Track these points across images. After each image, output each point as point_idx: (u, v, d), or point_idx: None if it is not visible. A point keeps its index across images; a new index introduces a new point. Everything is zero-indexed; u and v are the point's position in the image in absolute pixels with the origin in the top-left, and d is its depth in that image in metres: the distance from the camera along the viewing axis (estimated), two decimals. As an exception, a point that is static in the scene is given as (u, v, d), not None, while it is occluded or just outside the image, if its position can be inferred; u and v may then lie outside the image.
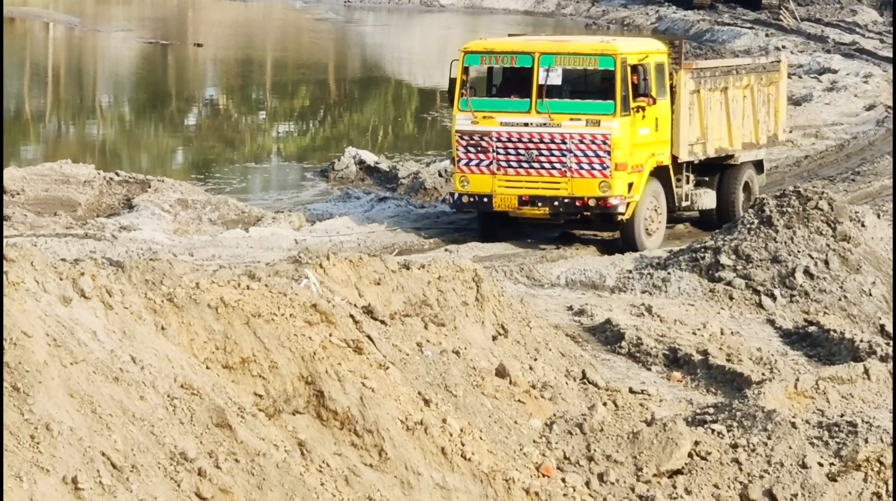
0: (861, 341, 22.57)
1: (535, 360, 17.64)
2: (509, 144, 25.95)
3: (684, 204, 27.13)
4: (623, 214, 26.63)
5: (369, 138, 45.27)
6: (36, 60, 61.75)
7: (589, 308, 23.02)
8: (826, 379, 19.61)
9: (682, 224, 28.69)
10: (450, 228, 31.43)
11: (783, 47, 66.72)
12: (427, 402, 15.65)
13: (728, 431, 17.05)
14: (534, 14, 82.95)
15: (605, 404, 17.22)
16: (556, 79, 27.67)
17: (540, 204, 25.37)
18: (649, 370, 20.97)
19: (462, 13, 79.28)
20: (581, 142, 26.85)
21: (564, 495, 15.71)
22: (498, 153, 25.89)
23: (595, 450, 16.30)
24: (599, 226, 23.49)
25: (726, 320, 23.40)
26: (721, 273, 25.38)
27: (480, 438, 15.74)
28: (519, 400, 16.55)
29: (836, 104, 52.43)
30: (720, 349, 21.83)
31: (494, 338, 17.53)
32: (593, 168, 25.44)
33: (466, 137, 27.54)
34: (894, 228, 25.95)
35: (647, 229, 24.84)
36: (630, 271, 26.47)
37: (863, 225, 26.57)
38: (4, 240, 20.03)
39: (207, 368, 14.31)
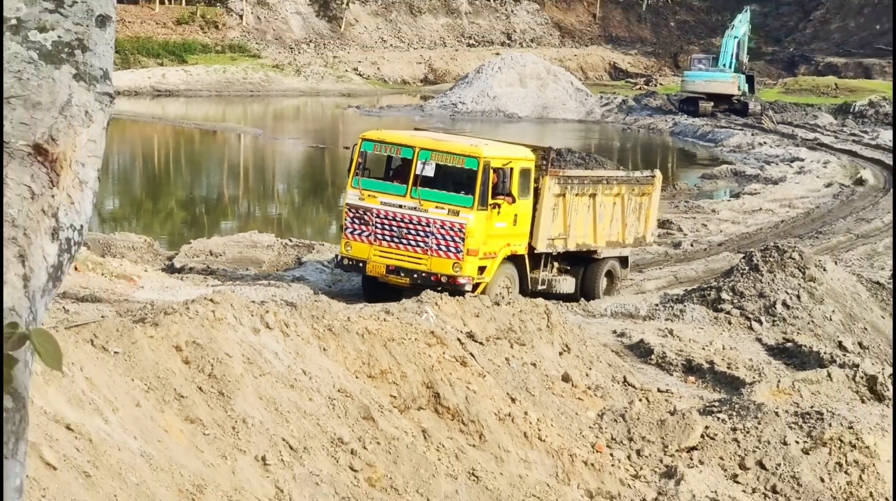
0: (825, 353, 23.70)
1: (590, 369, 18.57)
2: (385, 221, 25.60)
3: (540, 287, 26.11)
4: (470, 291, 24.34)
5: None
6: (231, 161, 63.69)
7: (628, 332, 23.64)
8: (800, 381, 20.78)
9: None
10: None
11: (763, 143, 66.60)
12: (513, 400, 16.70)
13: (729, 418, 18.46)
14: (585, 122, 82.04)
15: (640, 400, 17.99)
16: (430, 171, 25.90)
17: (403, 274, 25.26)
18: (671, 375, 21.98)
19: (534, 122, 78.61)
20: (441, 227, 25.14)
21: (612, 465, 16.58)
22: (375, 227, 25.62)
23: (634, 433, 17.46)
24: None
25: (726, 339, 24.22)
26: (722, 305, 26.21)
27: (551, 425, 16.71)
28: (579, 398, 17.50)
29: (803, 183, 53.05)
30: (722, 359, 22.91)
31: (560, 354, 18.32)
32: (449, 250, 25.05)
33: (353, 210, 26.08)
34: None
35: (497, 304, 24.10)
36: (657, 305, 27.18)
37: (824, 269, 27.59)
38: (213, 288, 20.40)
39: (356, 377, 15.35)
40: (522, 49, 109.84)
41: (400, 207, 25.31)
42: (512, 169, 25.82)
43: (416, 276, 25.00)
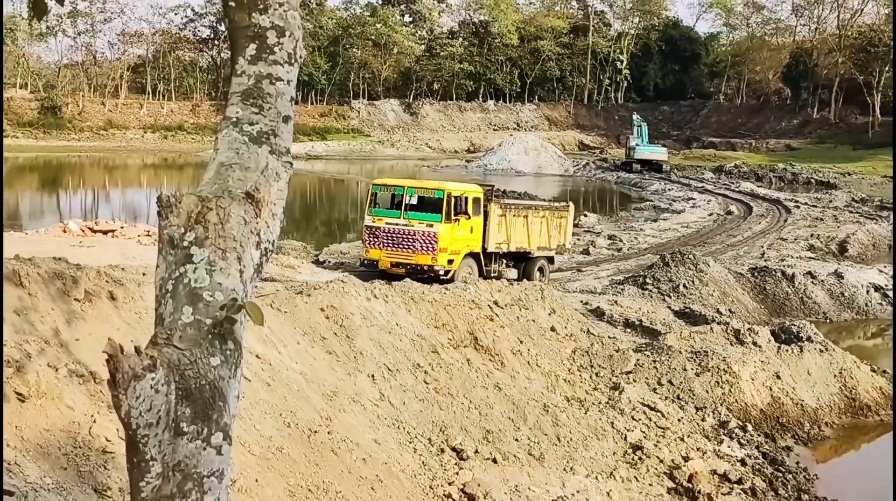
0: (709, 316, 23.49)
1: (567, 323, 18.58)
2: (388, 234, 25.03)
3: (493, 275, 25.49)
4: (444, 275, 24.29)
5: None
6: (353, 197, 63.30)
7: (590, 301, 23.64)
8: (694, 332, 20.36)
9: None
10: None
11: (671, 189, 66.57)
12: (521, 341, 16.76)
13: (652, 354, 17.93)
14: (564, 176, 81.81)
15: (597, 343, 17.83)
16: (414, 200, 25.65)
17: (400, 267, 24.54)
18: (616, 328, 21.74)
19: (533, 176, 78.52)
20: (422, 236, 24.68)
21: (580, 382, 16.40)
22: (382, 239, 25.04)
23: (594, 362, 17.54)
24: (433, 280, 21.40)
25: (649, 306, 24.17)
26: (647, 286, 26.19)
27: (544, 357, 16.61)
28: (560, 341, 17.35)
29: (695, 213, 52.76)
30: (647, 318, 22.54)
31: (549, 314, 18.31)
32: (427, 250, 24.55)
33: (369, 229, 25.44)
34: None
35: (463, 281, 23.52)
36: (607, 285, 27.05)
37: (708, 265, 27.37)
38: (343, 274, 20.14)
39: (427, 327, 15.70)
40: (526, 132, 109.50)
41: (396, 224, 24.83)
42: (467, 197, 25.36)
43: (408, 267, 24.41)
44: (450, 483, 12.59)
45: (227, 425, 3.55)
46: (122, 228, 28.46)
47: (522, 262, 27.86)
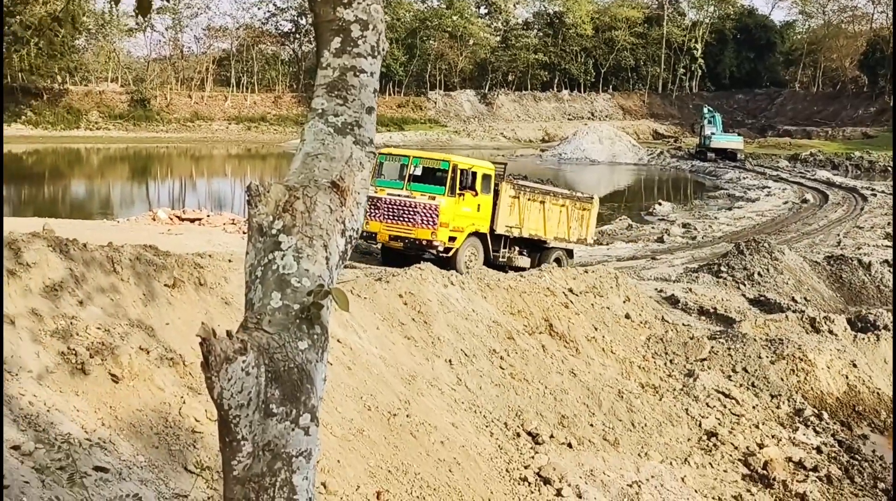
0: (784, 304, 22.75)
1: (642, 311, 18.30)
2: (389, 206, 22.82)
3: (501, 260, 24.32)
4: (442, 252, 22.44)
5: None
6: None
7: (664, 289, 23.21)
8: (769, 320, 19.86)
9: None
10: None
11: (745, 177, 65.70)
12: (595, 328, 16.43)
13: (726, 341, 17.55)
14: (638, 165, 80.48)
15: (672, 330, 17.52)
16: (417, 171, 23.47)
17: (398, 241, 22.59)
18: (690, 316, 21.26)
19: (607, 165, 77.41)
20: (423, 208, 22.54)
21: (654, 369, 16.11)
22: (383, 210, 22.79)
23: (668, 350, 17.08)
24: (434, 259, 19.86)
25: (724, 294, 23.59)
26: (721, 274, 25.34)
27: (618, 344, 16.37)
28: (634, 328, 17.07)
29: (770, 202, 51.78)
30: (722, 306, 21.95)
31: (624, 302, 18.02)
32: (427, 224, 22.36)
33: (370, 200, 22.03)
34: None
35: (466, 264, 21.80)
36: (682, 273, 26.43)
37: (783, 253, 26.55)
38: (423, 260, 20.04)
39: (503, 314, 15.52)
40: (600, 121, 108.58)
41: (398, 196, 22.87)
42: (475, 172, 23.39)
43: (406, 242, 22.61)
44: (526, 467, 12.59)
45: (314, 407, 3.59)
46: (207, 216, 28.94)
47: (537, 251, 25.97)
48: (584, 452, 13.46)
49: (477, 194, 23.44)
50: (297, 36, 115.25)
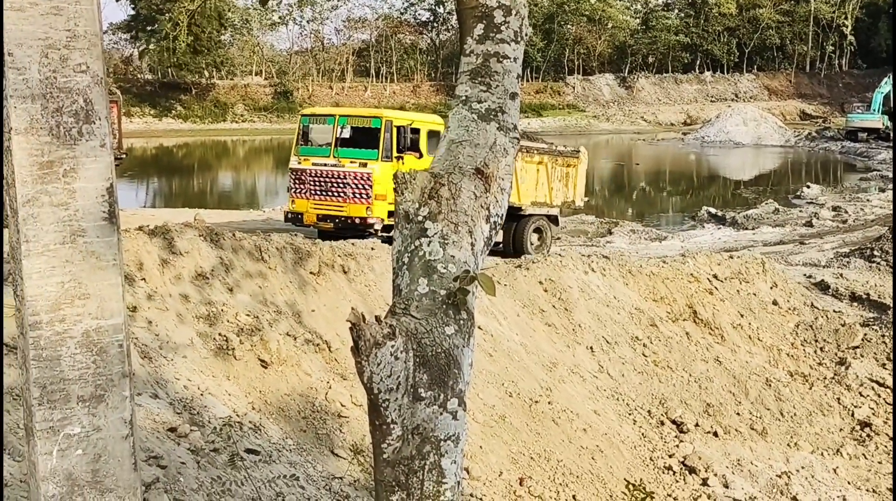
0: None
1: (790, 297, 17.70)
2: (315, 179, 19.24)
3: None
4: (382, 232, 18.51)
5: (716, 200, 42.92)
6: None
7: (814, 274, 22.27)
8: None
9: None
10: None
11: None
12: (741, 315, 16.23)
13: (880, 329, 16.99)
14: (784, 147, 77.76)
15: (822, 317, 16.91)
16: (346, 134, 19.92)
17: (328, 221, 18.88)
18: (841, 302, 20.28)
19: (752, 148, 75.03)
20: (354, 178, 18.89)
21: (804, 357, 15.67)
22: (309, 184, 19.31)
23: (818, 337, 16.59)
24: (372, 236, 16.69)
25: (877, 279, 22.45)
26: (874, 258, 24.24)
27: (765, 331, 16.07)
28: (782, 315, 16.55)
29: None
30: (875, 292, 21.00)
31: (771, 288, 17.50)
32: (362, 197, 18.72)
33: (293, 173, 19.76)
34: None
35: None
36: (832, 258, 25.34)
37: (941, 235, 25.27)
38: (561, 248, 19.96)
39: (645, 300, 15.44)
40: (744, 103, 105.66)
41: (324, 165, 19.34)
42: (418, 129, 19.53)
43: (337, 221, 19.17)
44: (670, 455, 12.52)
45: (461, 391, 3.61)
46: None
47: (512, 222, 21.34)
48: (730, 441, 13.22)
49: (422, 156, 19.56)
50: (435, 25, 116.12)
